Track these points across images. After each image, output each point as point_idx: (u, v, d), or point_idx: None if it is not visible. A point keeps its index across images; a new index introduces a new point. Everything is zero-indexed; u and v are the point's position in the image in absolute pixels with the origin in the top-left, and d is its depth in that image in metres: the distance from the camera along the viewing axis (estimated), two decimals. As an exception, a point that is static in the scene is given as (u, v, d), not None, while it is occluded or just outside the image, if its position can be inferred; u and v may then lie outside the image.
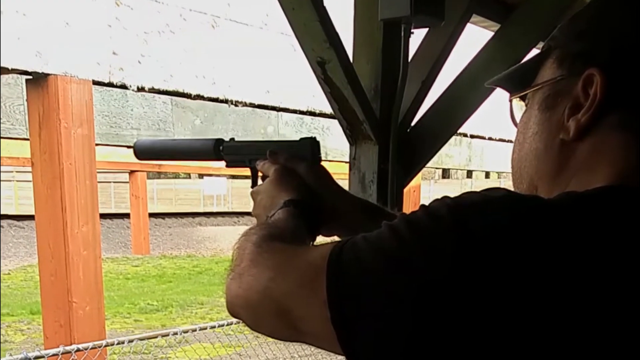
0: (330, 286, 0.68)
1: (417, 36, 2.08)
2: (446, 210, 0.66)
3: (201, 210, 25.35)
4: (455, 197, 0.69)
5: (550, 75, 0.80)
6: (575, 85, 0.75)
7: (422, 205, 0.70)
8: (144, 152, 1.33)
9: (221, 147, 1.20)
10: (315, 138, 1.11)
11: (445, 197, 0.69)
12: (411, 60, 2.08)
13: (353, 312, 0.67)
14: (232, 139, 1.21)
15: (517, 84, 0.85)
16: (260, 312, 0.78)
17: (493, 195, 0.68)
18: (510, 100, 0.86)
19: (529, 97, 0.83)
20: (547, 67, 0.81)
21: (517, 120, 0.86)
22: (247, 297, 0.78)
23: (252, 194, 1.11)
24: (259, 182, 1.13)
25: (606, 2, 0.78)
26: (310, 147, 1.11)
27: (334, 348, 0.70)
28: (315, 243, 0.97)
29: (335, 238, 1.05)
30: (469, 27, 2.30)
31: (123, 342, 3.89)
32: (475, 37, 2.57)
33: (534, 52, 2.12)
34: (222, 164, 1.24)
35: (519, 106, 0.85)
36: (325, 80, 1.93)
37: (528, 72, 0.83)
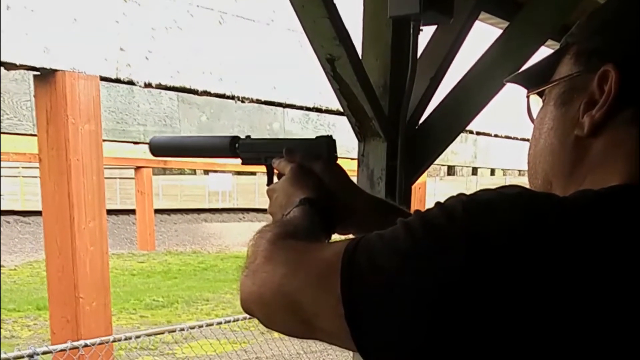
0: (344, 283, 0.68)
1: (426, 33, 2.08)
2: (461, 208, 0.66)
3: (206, 206, 25.38)
4: (471, 195, 0.68)
5: (567, 71, 0.79)
6: (591, 82, 0.75)
7: (438, 203, 0.70)
8: (159, 148, 1.35)
9: (237, 145, 1.21)
10: (331, 136, 1.11)
11: (461, 195, 0.69)
12: (420, 57, 2.07)
13: (366, 309, 0.67)
14: (247, 137, 1.21)
15: (535, 80, 0.84)
16: (273, 309, 0.78)
17: (508, 193, 0.67)
18: (528, 97, 0.86)
19: (546, 93, 0.83)
20: (565, 63, 0.80)
21: (534, 116, 0.85)
22: (260, 293, 0.79)
23: (268, 191, 1.11)
24: (275, 179, 1.14)
25: (623, 0, 0.78)
26: (326, 145, 1.11)
27: (347, 345, 0.70)
28: (330, 241, 0.98)
29: (351, 236, 1.05)
30: (477, 24, 2.29)
31: (130, 338, 3.91)
32: (483, 34, 2.56)
33: (543, 49, 2.12)
34: (228, 160, 1.24)
35: (536, 102, 0.85)
36: (335, 77, 1.93)
37: (546, 68, 0.83)
